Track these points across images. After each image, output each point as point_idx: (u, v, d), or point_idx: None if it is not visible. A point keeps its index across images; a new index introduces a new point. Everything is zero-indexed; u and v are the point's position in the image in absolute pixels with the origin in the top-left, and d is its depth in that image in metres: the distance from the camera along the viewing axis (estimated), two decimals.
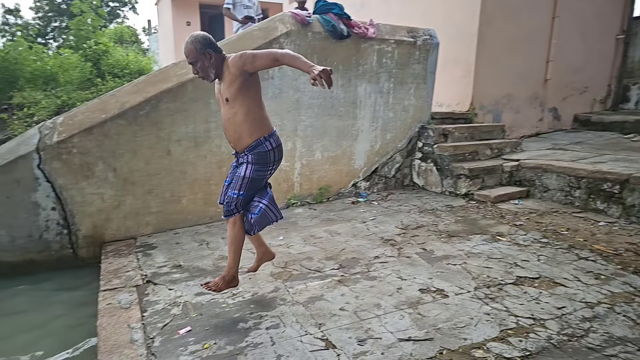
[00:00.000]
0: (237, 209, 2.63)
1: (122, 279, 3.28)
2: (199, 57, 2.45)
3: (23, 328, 3.09)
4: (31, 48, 6.93)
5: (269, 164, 2.60)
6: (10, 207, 3.79)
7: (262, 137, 2.55)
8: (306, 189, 5.13)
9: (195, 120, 4.27)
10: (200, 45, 2.44)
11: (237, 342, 2.38)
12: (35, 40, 8.52)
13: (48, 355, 2.79)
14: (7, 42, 7.03)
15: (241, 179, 2.57)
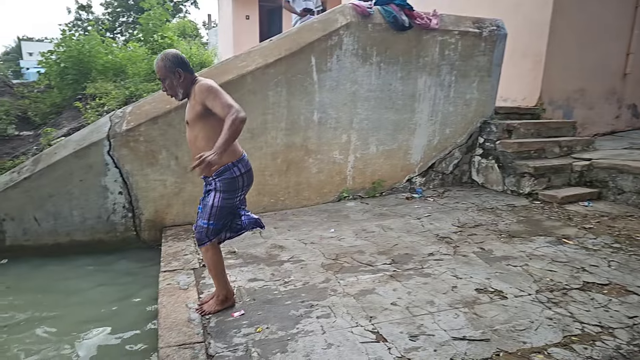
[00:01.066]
0: (208, 239, 2.56)
1: (180, 262, 3.50)
2: (167, 75, 2.41)
3: (90, 304, 3.39)
4: (103, 42, 7.51)
5: (237, 190, 2.53)
6: (83, 190, 4.15)
7: (230, 163, 2.46)
8: (359, 183, 5.15)
9: (253, 112, 4.41)
10: (170, 63, 2.40)
11: (288, 328, 2.46)
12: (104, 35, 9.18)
13: (113, 331, 3.06)
14: (80, 36, 7.63)
15: (210, 208, 2.50)
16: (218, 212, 2.51)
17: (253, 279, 3.13)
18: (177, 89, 2.46)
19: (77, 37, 7.44)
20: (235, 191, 2.53)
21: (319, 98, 4.66)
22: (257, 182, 4.56)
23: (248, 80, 4.32)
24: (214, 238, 2.58)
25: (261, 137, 4.52)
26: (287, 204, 4.80)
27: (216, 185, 2.49)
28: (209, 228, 2.53)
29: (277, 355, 2.21)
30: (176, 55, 2.44)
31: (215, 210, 2.50)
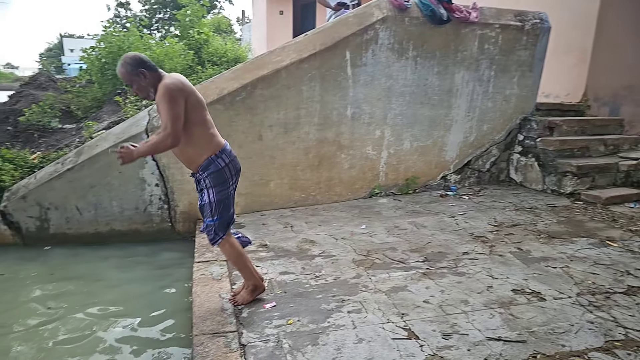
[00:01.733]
0: (218, 235, 2.56)
1: (213, 253, 3.59)
2: (132, 79, 2.39)
3: (127, 292, 3.54)
4: (142, 38, 7.77)
5: (227, 180, 2.52)
6: (122, 181, 4.34)
7: (213, 155, 2.45)
8: (392, 179, 5.12)
9: (287, 107, 4.47)
10: (130, 67, 2.37)
11: (319, 321, 2.50)
12: (142, 31, 9.52)
13: (149, 317, 3.19)
14: (117, 32, 7.92)
15: (209, 206, 2.50)
16: (217, 206, 2.51)
17: (284, 272, 3.18)
18: (147, 88, 2.42)
19: (117, 33, 7.72)
20: (226, 182, 2.52)
21: (353, 93, 4.66)
22: (289, 176, 4.66)
23: (282, 75, 4.37)
24: (224, 234, 2.58)
25: (294, 132, 4.57)
26: (318, 199, 4.84)
27: (205, 182, 2.49)
28: (215, 224, 2.53)
29: (308, 348, 2.25)
30: (134, 57, 2.41)
31: (215, 205, 2.50)
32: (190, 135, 2.40)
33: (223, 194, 2.53)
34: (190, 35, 7.17)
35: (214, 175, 2.47)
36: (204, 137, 2.46)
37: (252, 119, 4.41)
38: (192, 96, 2.40)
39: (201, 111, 2.47)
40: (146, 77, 2.39)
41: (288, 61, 4.37)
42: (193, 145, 2.44)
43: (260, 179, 4.60)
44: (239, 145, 4.43)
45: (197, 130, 2.43)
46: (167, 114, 2.29)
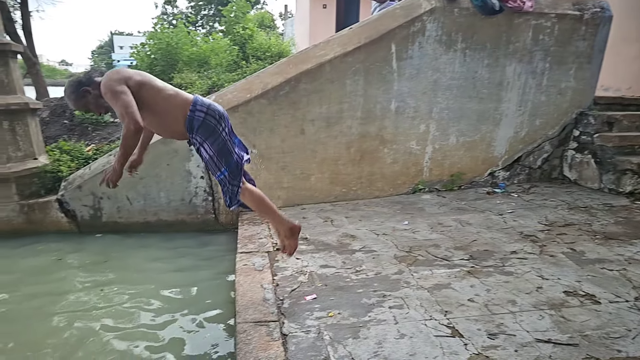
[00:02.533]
0: (235, 185, 2.51)
1: (255, 245, 3.70)
2: (83, 102, 2.38)
3: (173, 279, 3.72)
4: (189, 34, 8.06)
5: (215, 127, 2.42)
6: (169, 173, 4.54)
7: (188, 113, 2.38)
8: (436, 175, 5.04)
9: (330, 101, 4.50)
10: (73, 94, 2.36)
11: (360, 315, 2.52)
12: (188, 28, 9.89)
13: (194, 306, 3.34)
14: (165, 29, 8.24)
15: (211, 160, 2.45)
16: (219, 156, 2.44)
17: (325, 265, 3.22)
18: (98, 103, 2.41)
19: (166, 30, 8.04)
20: (215, 130, 2.43)
21: (398, 87, 4.62)
22: (330, 171, 4.70)
23: (326, 69, 4.40)
24: (239, 182, 2.52)
25: (336, 126, 4.59)
26: (359, 194, 4.85)
27: (196, 139, 2.44)
28: (226, 176, 2.47)
29: (349, 341, 2.27)
30: (71, 82, 2.41)
31: (216, 157, 2.44)
32: (153, 109, 2.37)
33: (218, 143, 2.44)
34: (235, 31, 7.35)
35: (200, 130, 2.40)
36: (166, 102, 2.40)
37: (294, 113, 4.48)
38: (131, 78, 2.33)
39: (150, 84, 2.41)
40: (91, 92, 2.38)
41: (332, 55, 4.39)
42: (162, 115, 2.40)
43: (302, 173, 4.67)
44: (282, 140, 4.52)
45: (156, 100, 2.38)
46: (116, 106, 2.26)
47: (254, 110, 4.41)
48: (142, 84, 2.36)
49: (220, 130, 2.45)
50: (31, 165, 4.75)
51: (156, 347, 2.78)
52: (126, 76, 2.32)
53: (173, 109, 2.40)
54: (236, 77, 6.49)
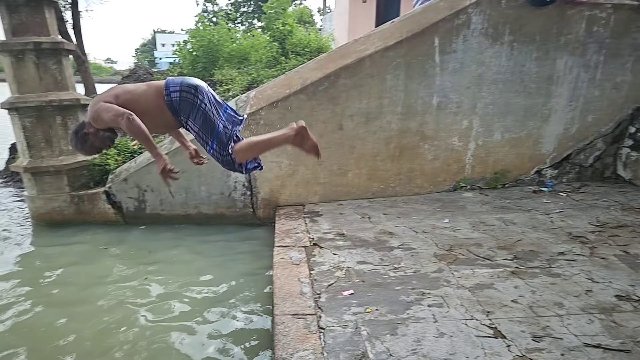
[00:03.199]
0: (226, 154, 2.47)
1: (292, 239, 3.75)
2: (90, 145, 2.44)
3: (212, 270, 3.82)
4: (229, 31, 8.25)
5: (194, 102, 2.40)
6: (210, 168, 4.64)
7: (166, 98, 2.38)
8: (479, 172, 4.92)
9: (370, 96, 4.49)
10: (79, 144, 2.43)
11: (398, 312, 2.51)
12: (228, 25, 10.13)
13: (232, 296, 3.44)
14: (207, 27, 8.47)
15: (198, 136, 2.45)
16: (203, 130, 2.43)
17: (362, 261, 3.23)
18: (100, 134, 2.44)
19: (208, 28, 8.26)
20: (194, 104, 2.41)
21: (440, 81, 4.55)
22: (368, 166, 4.68)
23: (366, 63, 4.39)
24: (230, 148, 2.48)
25: (376, 122, 4.58)
26: (397, 191, 4.82)
27: (183, 119, 2.44)
28: (215, 149, 2.46)
29: (387, 337, 2.28)
30: (71, 138, 2.49)
31: (201, 132, 2.43)
32: (138, 110, 2.35)
33: (200, 116, 2.42)
34: (275, 27, 7.46)
35: (182, 108, 2.40)
36: (144, 97, 2.42)
37: (333, 109, 4.49)
38: (105, 97, 2.41)
39: (123, 89, 2.45)
40: (88, 131, 2.43)
41: (373, 49, 4.38)
42: (148, 111, 2.40)
43: (339, 168, 4.68)
44: (320, 135, 4.54)
45: (135, 100, 2.39)
46: (106, 120, 2.33)
47: (292, 106, 4.46)
48: (116, 95, 2.40)
49: (199, 103, 2.41)
50: (82, 158, 5.01)
51: (194, 337, 2.89)
52: (101, 98, 2.41)
53: (153, 100, 2.42)
54: (275, 73, 6.58)
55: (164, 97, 2.41)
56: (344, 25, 13.11)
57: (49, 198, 4.93)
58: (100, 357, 2.71)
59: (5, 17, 4.58)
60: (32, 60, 4.64)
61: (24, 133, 4.79)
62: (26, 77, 4.68)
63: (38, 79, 4.71)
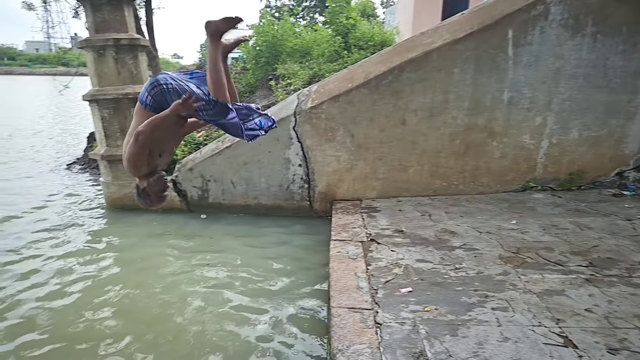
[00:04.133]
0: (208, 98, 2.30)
1: (349, 233, 3.76)
2: (152, 197, 2.39)
3: (270, 259, 3.95)
4: (293, 26, 8.39)
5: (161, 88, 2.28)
6: (270, 160, 4.80)
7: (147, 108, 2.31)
8: (551, 173, 4.65)
9: (435, 90, 4.39)
10: (145, 200, 2.40)
11: (459, 313, 2.45)
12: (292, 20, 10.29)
13: (288, 286, 3.53)
14: (271, 22, 8.65)
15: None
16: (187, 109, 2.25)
17: (421, 259, 3.18)
18: (151, 182, 2.43)
19: (272, 23, 8.45)
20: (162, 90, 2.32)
21: (512, 75, 4.35)
22: (430, 163, 4.59)
23: (433, 57, 4.29)
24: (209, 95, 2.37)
25: (440, 117, 4.46)
26: (460, 189, 4.67)
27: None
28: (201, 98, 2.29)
29: (447, 337, 2.23)
30: (137, 199, 2.47)
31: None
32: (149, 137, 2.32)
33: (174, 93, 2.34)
34: (338, 21, 7.48)
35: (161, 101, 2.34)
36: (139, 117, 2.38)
37: (396, 103, 4.44)
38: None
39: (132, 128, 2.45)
40: (143, 184, 2.42)
41: (440, 42, 4.27)
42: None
43: (399, 164, 4.63)
44: (381, 129, 4.52)
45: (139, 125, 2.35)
46: (130, 155, 2.29)
47: (354, 100, 4.47)
48: (126, 143, 2.39)
49: (165, 87, 2.35)
50: None
51: (248, 324, 3.00)
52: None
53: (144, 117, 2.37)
54: (337, 67, 6.61)
55: (145, 108, 2.37)
56: (408, 19, 12.87)
57: (122, 184, 5.31)
58: (158, 335, 2.91)
59: (90, 15, 4.98)
60: (111, 56, 5.01)
61: (102, 123, 5.20)
62: (106, 71, 5.07)
63: (116, 72, 5.09)
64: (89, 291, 3.49)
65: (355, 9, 8.00)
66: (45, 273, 3.77)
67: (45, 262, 3.97)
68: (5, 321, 3.08)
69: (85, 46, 5.01)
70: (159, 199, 2.49)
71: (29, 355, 2.74)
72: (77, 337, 2.90)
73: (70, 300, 3.36)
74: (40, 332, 2.95)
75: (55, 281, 3.64)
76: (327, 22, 7.72)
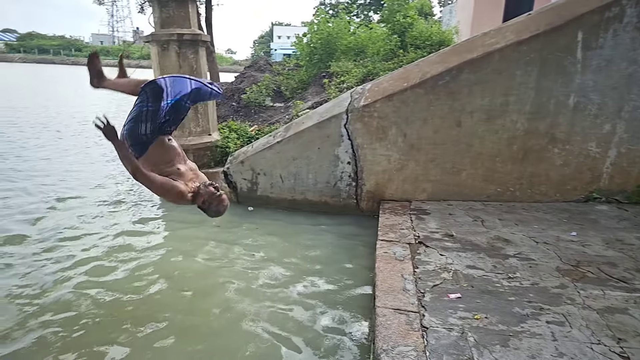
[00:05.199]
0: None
1: (397, 234, 3.73)
2: (213, 209, 2.59)
3: (315, 256, 3.99)
4: (349, 23, 8.41)
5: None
6: (319, 157, 4.84)
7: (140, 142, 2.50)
8: (618, 184, 4.37)
9: (494, 93, 4.25)
10: (211, 213, 2.61)
11: (510, 324, 2.37)
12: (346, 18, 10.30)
13: (333, 283, 3.55)
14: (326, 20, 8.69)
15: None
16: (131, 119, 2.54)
17: (472, 266, 3.10)
18: (201, 192, 2.58)
19: (329, 20, 8.51)
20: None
21: (580, 79, 4.13)
22: (485, 167, 4.45)
23: (495, 58, 4.16)
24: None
25: (498, 120, 4.32)
26: (516, 196, 4.50)
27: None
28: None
29: (497, 347, 2.17)
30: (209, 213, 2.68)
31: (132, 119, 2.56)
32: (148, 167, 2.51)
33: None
34: (395, 20, 7.40)
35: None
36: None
37: (452, 104, 4.35)
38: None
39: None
40: (197, 200, 2.59)
41: (503, 43, 4.13)
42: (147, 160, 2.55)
43: (452, 167, 4.52)
44: (434, 131, 4.44)
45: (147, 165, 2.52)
46: (155, 190, 2.53)
47: (409, 100, 4.41)
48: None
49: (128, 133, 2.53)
50: (206, 140, 5.56)
51: (292, 320, 3.04)
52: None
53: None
54: (392, 66, 6.55)
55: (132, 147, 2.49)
56: (467, 18, 12.54)
57: None
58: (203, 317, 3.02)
59: (157, 11, 5.24)
60: (174, 50, 5.25)
61: None
62: (168, 64, 5.32)
63: (178, 66, 5.32)
64: (136, 269, 3.72)
65: (413, 7, 7.88)
66: (98, 249, 4.08)
67: (100, 240, 4.27)
68: (64, 290, 3.33)
69: (151, 40, 5.28)
70: (220, 201, 2.62)
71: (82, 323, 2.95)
72: (124, 310, 3.13)
73: (119, 276, 3.61)
74: (91, 304, 3.21)
75: (108, 258, 3.91)
76: (384, 21, 7.66)
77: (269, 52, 50.46)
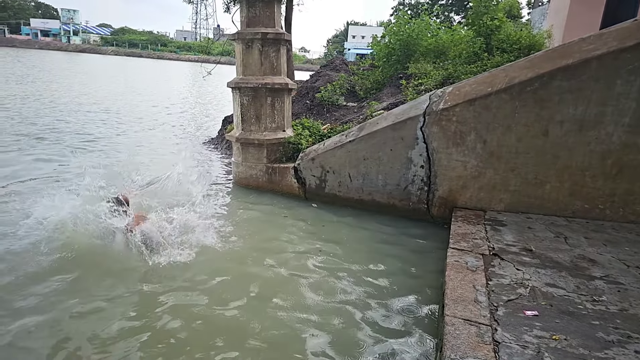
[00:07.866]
0: None
1: (469, 244, 3.63)
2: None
3: (382, 261, 3.98)
4: (430, 25, 8.25)
5: None
6: (390, 158, 4.83)
7: None
8: None
9: (589, 102, 3.98)
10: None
11: (593, 349, 2.24)
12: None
13: (399, 287, 3.55)
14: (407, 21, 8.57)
15: None
16: None
17: (552, 284, 2.95)
18: None
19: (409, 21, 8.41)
20: None
21: None
22: (572, 181, 4.21)
23: (593, 65, 3.90)
24: None
25: (591, 131, 4.04)
26: (606, 214, 4.19)
27: None
28: None
29: None
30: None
31: None
32: None
33: None
34: (481, 22, 7.15)
35: None
36: None
37: (539, 112, 4.14)
38: None
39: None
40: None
41: (604, 50, 3.86)
42: None
43: (535, 178, 4.31)
44: (518, 139, 4.26)
45: None
46: None
47: (492, 105, 4.27)
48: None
49: None
50: (280, 135, 5.75)
51: (353, 323, 3.08)
52: None
53: None
54: (475, 70, 6.34)
55: None
56: (560, 22, 11.80)
57: (250, 166, 5.81)
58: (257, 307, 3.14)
59: (244, 10, 5.51)
60: (257, 48, 5.49)
61: (240, 109, 5.73)
62: (251, 62, 5.57)
63: (259, 64, 5.56)
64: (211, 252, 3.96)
65: (502, 9, 7.55)
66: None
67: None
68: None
69: (237, 38, 5.56)
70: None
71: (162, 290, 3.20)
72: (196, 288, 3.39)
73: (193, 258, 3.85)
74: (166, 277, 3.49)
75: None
76: (469, 23, 7.42)
77: (342, 51, 50.74)
